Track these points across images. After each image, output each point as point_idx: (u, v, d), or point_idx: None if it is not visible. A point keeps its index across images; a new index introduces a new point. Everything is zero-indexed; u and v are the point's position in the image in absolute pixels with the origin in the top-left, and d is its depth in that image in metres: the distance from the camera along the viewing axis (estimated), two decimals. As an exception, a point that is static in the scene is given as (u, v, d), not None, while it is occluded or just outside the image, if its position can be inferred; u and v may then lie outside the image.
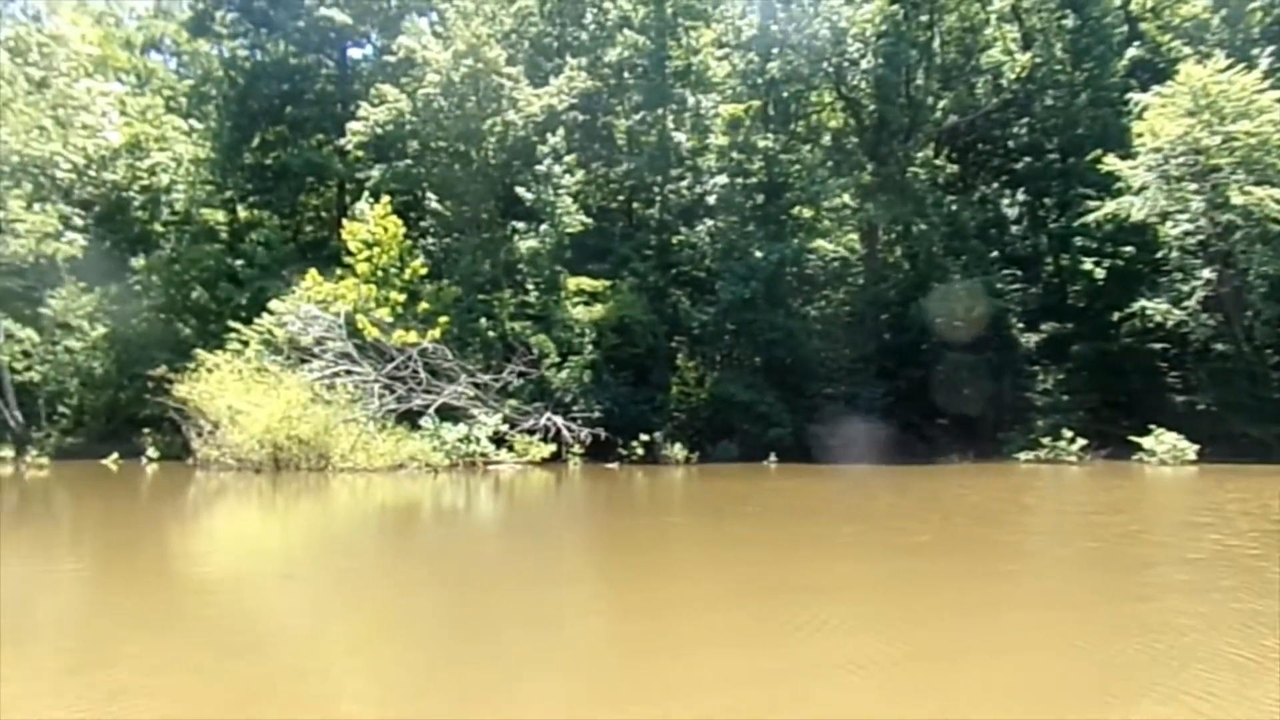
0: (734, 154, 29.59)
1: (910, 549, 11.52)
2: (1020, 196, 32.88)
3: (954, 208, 30.93)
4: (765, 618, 7.70)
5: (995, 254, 30.89)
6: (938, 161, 32.94)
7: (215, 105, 32.94)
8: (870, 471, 23.33)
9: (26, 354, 26.22)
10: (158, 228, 31.68)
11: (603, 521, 15.89)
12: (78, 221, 27.52)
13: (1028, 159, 32.28)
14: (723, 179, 29.93)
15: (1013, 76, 30.22)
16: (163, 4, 37.57)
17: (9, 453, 25.04)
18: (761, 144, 29.58)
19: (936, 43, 30.85)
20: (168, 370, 23.68)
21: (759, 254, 28.14)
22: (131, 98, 32.31)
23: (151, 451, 24.46)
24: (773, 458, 25.11)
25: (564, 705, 5.60)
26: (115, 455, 24.15)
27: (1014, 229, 32.76)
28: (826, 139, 31.64)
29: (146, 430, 25.11)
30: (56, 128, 26.33)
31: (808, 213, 30.98)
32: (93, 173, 29.03)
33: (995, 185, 33.55)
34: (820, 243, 31.31)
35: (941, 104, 30.57)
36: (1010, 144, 33.16)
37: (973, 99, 31.48)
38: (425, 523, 16.08)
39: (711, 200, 30.32)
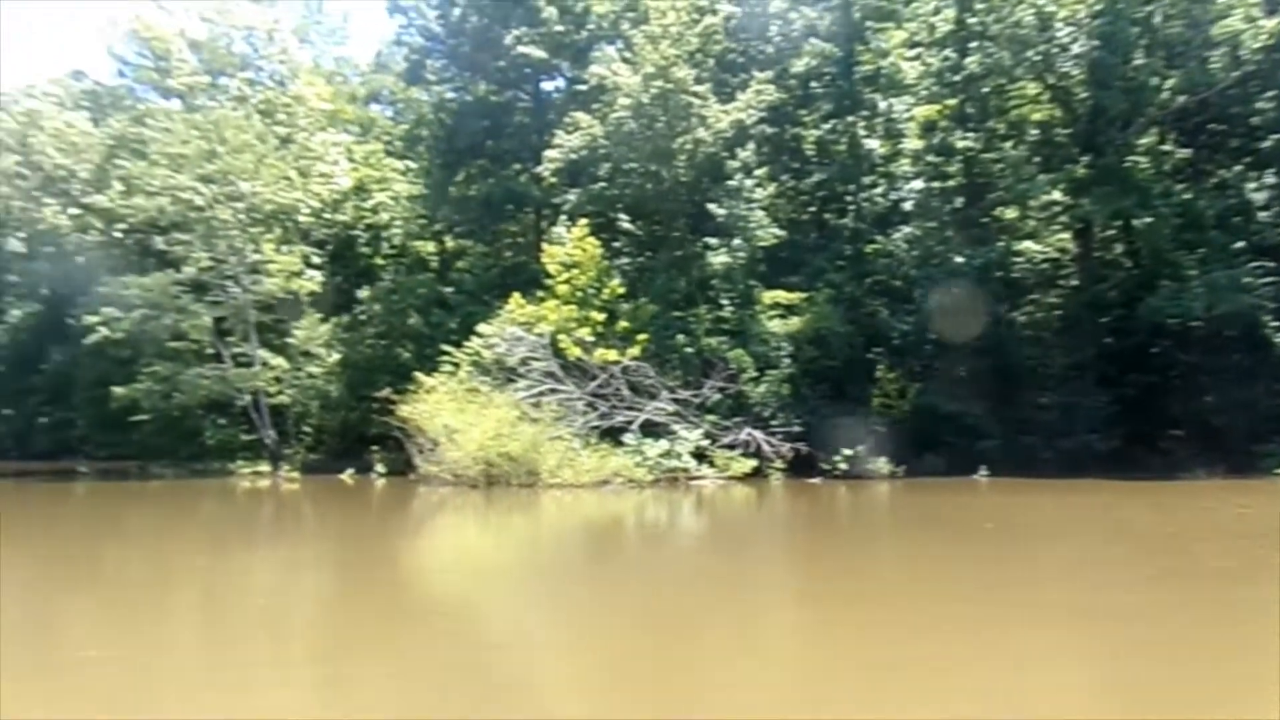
0: (930, 157, 28.40)
1: (1220, 574, 10.32)
2: (1269, 179, 29.28)
3: (1186, 197, 28.00)
4: (1095, 636, 7.22)
5: (1240, 245, 27.63)
6: (1164, 147, 29.98)
7: (426, 145, 35.55)
8: (1101, 486, 21.47)
9: (278, 379, 29.30)
10: (379, 261, 34.54)
11: (841, 538, 15.52)
12: (315, 260, 30.53)
13: (1276, 136, 28.72)
14: (919, 184, 28.80)
15: (1255, 46, 27.00)
16: (381, 58, 41.10)
17: (266, 467, 28.08)
18: (960, 144, 28.19)
19: (1159, 18, 28.13)
20: (391, 392, 25.69)
21: (960, 259, 26.78)
22: (357, 145, 35.52)
23: (380, 467, 26.59)
24: (983, 471, 23.71)
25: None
26: (350, 470, 26.49)
27: (1262, 215, 29.17)
28: (1032, 134, 29.61)
29: (375, 448, 27.33)
30: (299, 177, 29.35)
31: (1011, 214, 29.16)
32: (326, 215, 32.15)
33: (1237, 168, 30.05)
34: (1027, 244, 29.33)
35: (1168, 84, 27.80)
36: (1253, 121, 29.59)
37: (1205, 75, 28.38)
38: (645, 538, 16.38)
39: (908, 206, 29.23)
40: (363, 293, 32.64)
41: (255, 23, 33.46)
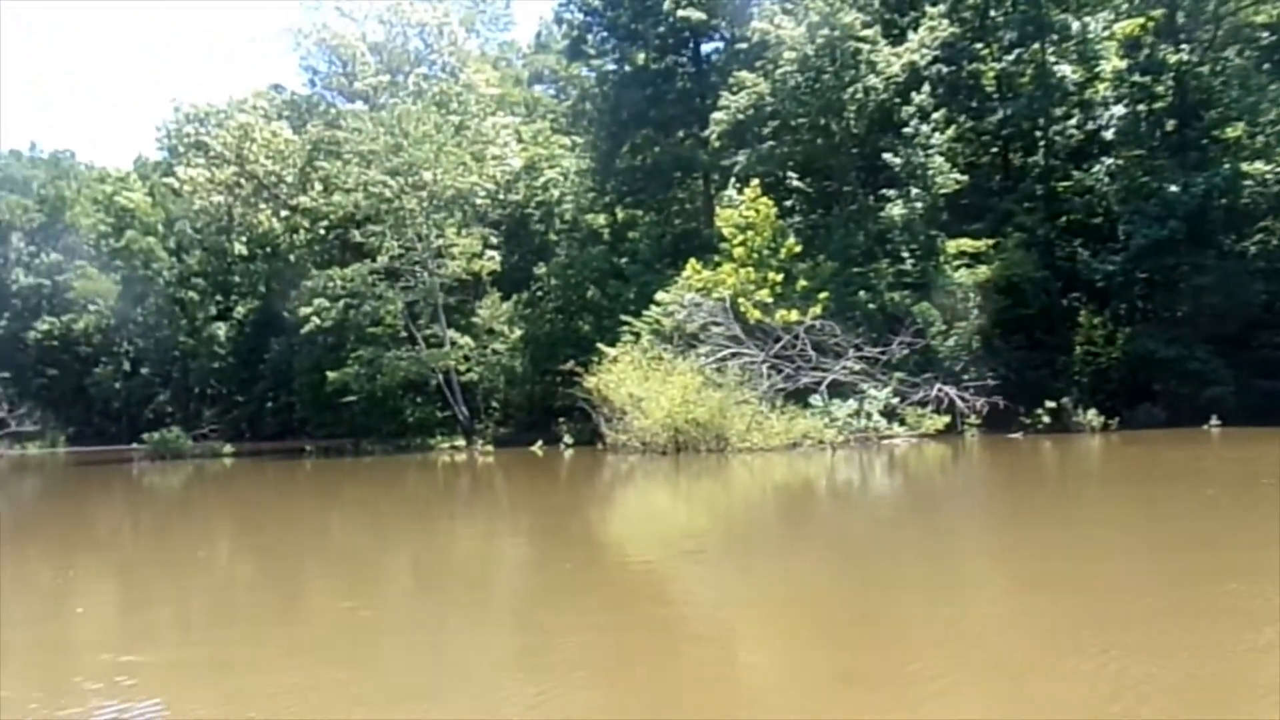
0: (1134, 78, 25.80)
1: None
2: None
3: None
4: None
5: None
6: None
7: (590, 120, 36.09)
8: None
9: (466, 358, 30.91)
10: (552, 237, 35.54)
11: (1073, 496, 14.54)
12: (493, 240, 31.80)
13: None
14: (1120, 109, 26.28)
15: None
16: (541, 39, 42.00)
17: (461, 442, 29.75)
18: (1171, 59, 25.43)
19: None
20: (574, 364, 26.45)
21: (1174, 188, 24.27)
22: (524, 126, 36.56)
23: (567, 438, 27.49)
24: (1214, 421, 21.56)
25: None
26: (539, 442, 27.57)
27: None
28: (1260, 37, 26.25)
29: (561, 419, 28.28)
30: (473, 162, 30.58)
31: (1235, 132, 26.07)
32: (500, 196, 33.37)
33: None
34: (1257, 165, 26.15)
35: None
36: None
37: None
38: (842, 499, 16.05)
39: (1108, 135, 26.76)
40: (539, 269, 33.74)
41: (427, 19, 34.99)
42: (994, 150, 30.12)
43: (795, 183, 29.28)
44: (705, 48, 35.70)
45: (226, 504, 19.41)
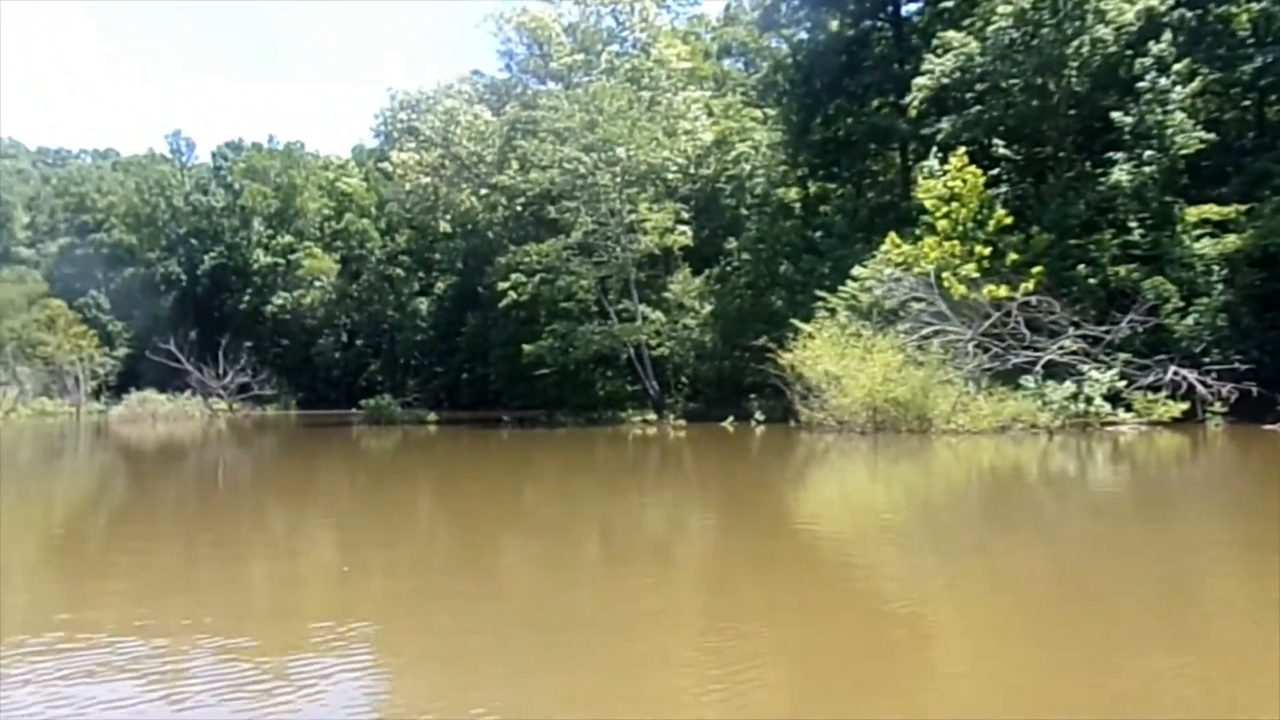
0: None
1: None
2: None
3: None
4: None
5: None
6: None
7: (782, 91, 35.26)
8: None
9: (658, 332, 31.23)
10: (743, 211, 35.14)
11: None
12: (684, 215, 31.83)
13: None
14: None
15: None
16: (730, 11, 41.45)
17: (651, 416, 30.17)
18: None
19: None
20: (766, 339, 26.07)
21: None
22: (714, 100, 36.29)
23: (759, 415, 27.20)
24: None
25: None
26: (730, 418, 27.45)
27: None
28: None
29: (753, 395, 28.02)
30: (665, 137, 30.68)
31: None
32: (691, 171, 33.33)
33: None
34: None
35: None
36: None
37: None
38: (1056, 489, 14.86)
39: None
40: (730, 244, 33.48)
41: (620, -3, 35.38)
42: (1246, 104, 26.78)
43: (1003, 150, 27.30)
44: (906, 9, 33.95)
45: (444, 468, 20.57)
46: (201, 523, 11.75)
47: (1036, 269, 22.42)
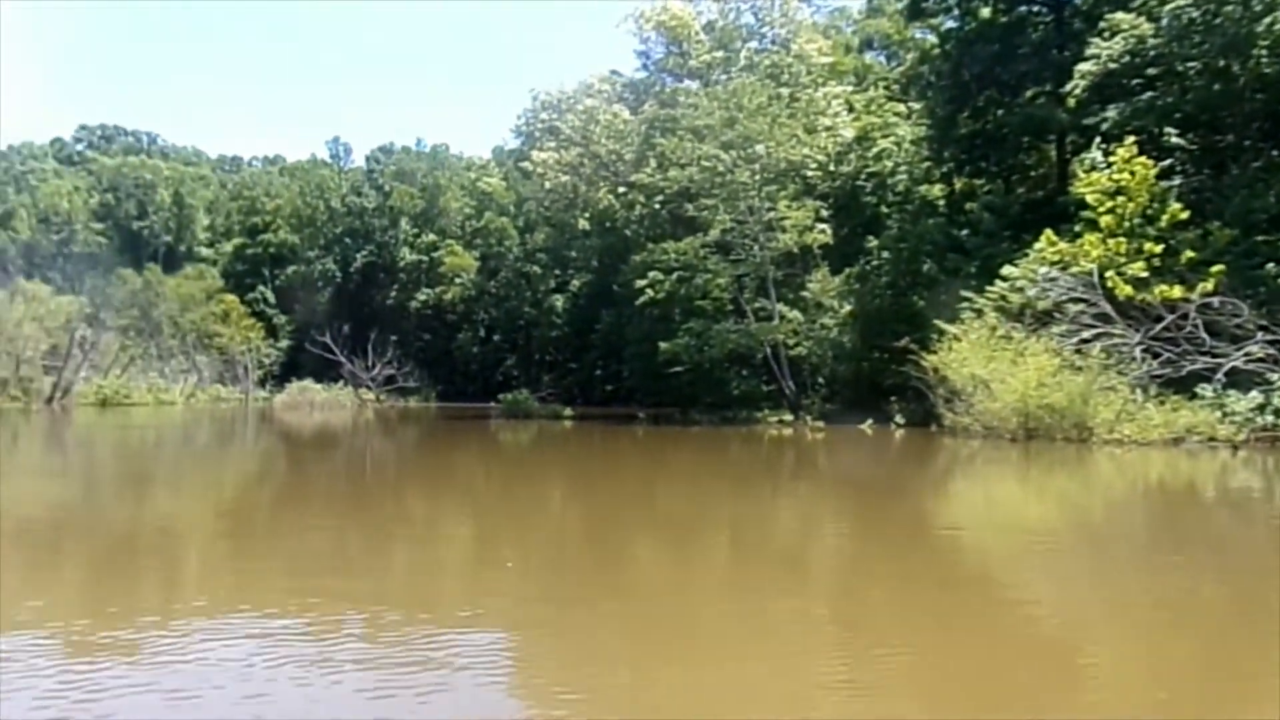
0: None
1: None
2: None
3: None
4: None
5: None
6: None
7: (927, 84, 33.98)
8: None
9: (795, 332, 30.72)
10: (884, 209, 34.04)
11: None
12: (823, 213, 31.16)
13: None
14: None
15: None
16: (873, 3, 40.29)
17: (788, 416, 29.70)
18: None
19: None
20: (908, 341, 25.17)
21: None
22: (855, 95, 35.34)
23: (899, 418, 26.29)
24: None
25: None
26: (869, 421, 26.65)
27: None
28: None
29: (893, 398, 27.11)
30: (805, 134, 30.12)
31: None
32: (831, 168, 32.59)
33: None
34: None
35: None
36: None
37: None
38: (1241, 512, 13.61)
39: None
40: (870, 242, 32.52)
41: (760, -7, 35.03)
42: None
43: (1176, 139, 25.29)
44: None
45: (581, 463, 20.92)
46: (357, 507, 12.36)
47: (1216, 268, 20.61)
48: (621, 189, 36.13)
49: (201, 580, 7.37)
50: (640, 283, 32.14)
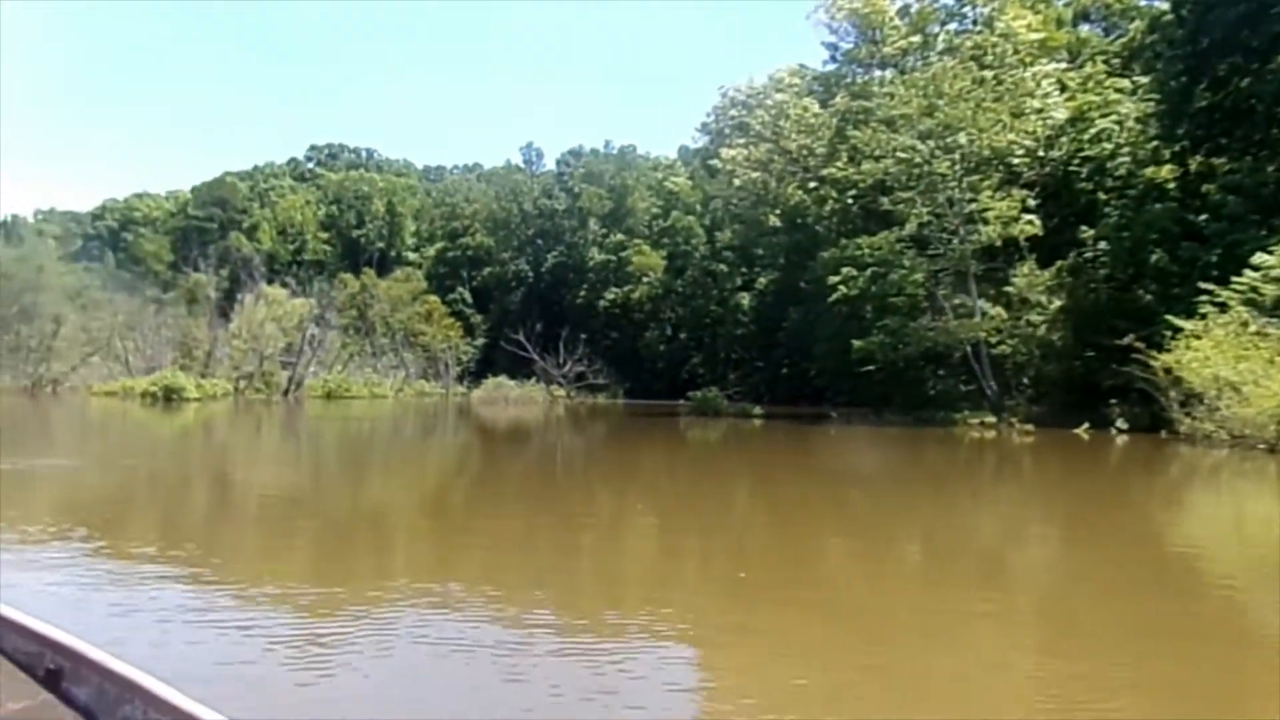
0: None
1: None
2: None
3: None
4: None
5: None
6: None
7: (1157, 54, 30.85)
8: None
9: (998, 329, 28.83)
10: (1101, 196, 31.27)
11: None
12: (1030, 203, 29.03)
13: None
14: None
15: None
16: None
17: (990, 418, 27.91)
18: None
19: None
20: (1135, 338, 23.00)
21: None
22: (1068, 73, 32.68)
23: (1120, 422, 24.08)
24: None
25: None
26: (1085, 425, 24.54)
27: None
28: None
29: (1113, 401, 24.87)
30: (1011, 118, 28.16)
31: None
32: (1040, 154, 30.29)
33: None
34: None
35: None
36: None
37: None
38: None
39: None
40: (1084, 232, 29.99)
41: (960, -30, 33.13)
42: None
43: None
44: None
45: (776, 461, 20.51)
46: (556, 501, 12.68)
47: None
48: (812, 184, 35.30)
49: (444, 561, 7.78)
50: (832, 279, 31.25)
